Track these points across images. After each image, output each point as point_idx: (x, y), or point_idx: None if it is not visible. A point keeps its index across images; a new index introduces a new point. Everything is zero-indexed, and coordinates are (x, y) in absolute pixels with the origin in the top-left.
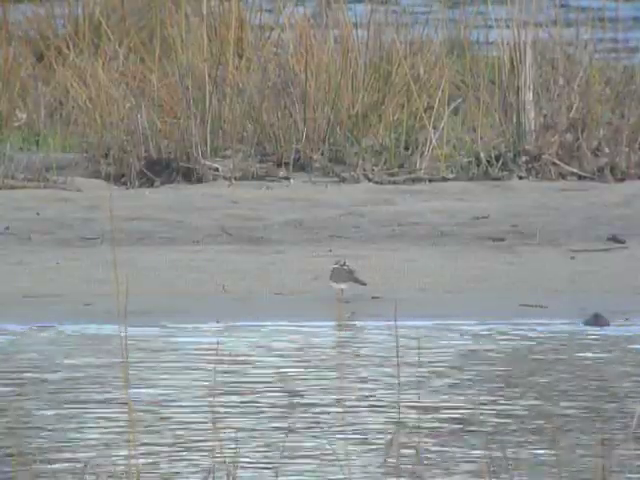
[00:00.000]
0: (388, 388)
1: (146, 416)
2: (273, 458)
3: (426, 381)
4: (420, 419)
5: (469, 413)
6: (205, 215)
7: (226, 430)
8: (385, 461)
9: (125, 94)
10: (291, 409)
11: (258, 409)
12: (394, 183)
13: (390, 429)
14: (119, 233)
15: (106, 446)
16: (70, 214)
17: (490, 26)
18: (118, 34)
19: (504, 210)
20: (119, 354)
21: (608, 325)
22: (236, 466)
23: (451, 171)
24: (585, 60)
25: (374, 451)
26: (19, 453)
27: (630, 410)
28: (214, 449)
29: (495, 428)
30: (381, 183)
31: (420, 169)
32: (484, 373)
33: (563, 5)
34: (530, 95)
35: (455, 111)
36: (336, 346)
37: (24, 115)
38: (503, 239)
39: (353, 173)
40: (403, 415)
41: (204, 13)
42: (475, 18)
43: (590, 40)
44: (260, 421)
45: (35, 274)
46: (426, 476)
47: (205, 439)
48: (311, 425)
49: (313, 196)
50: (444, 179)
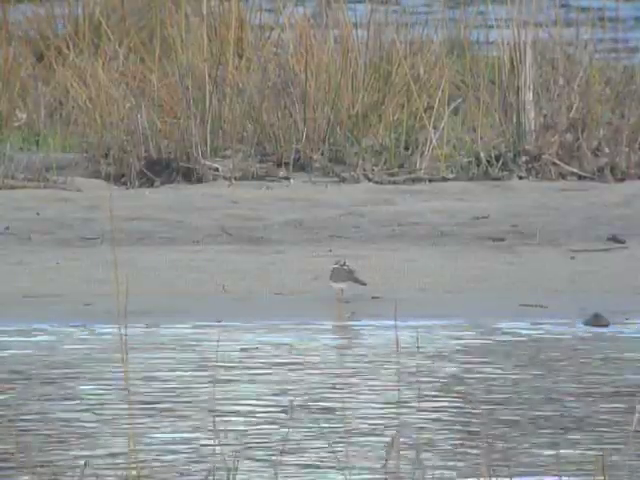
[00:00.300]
0: (388, 388)
1: (146, 416)
2: (273, 458)
3: (426, 381)
4: (420, 420)
5: (469, 413)
6: (205, 215)
7: (226, 430)
8: (386, 463)
9: (125, 94)
10: (291, 410)
11: (258, 409)
12: (394, 183)
13: (390, 430)
14: (119, 233)
15: (106, 445)
16: (70, 214)
17: (490, 26)
18: (118, 34)
19: (504, 210)
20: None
21: (608, 325)
22: (236, 466)
23: (451, 171)
24: (585, 60)
25: (374, 452)
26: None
27: (630, 410)
28: (214, 449)
29: (495, 428)
30: (381, 183)
31: (420, 169)
32: (484, 373)
33: (563, 5)
34: (530, 95)
35: (455, 111)
36: (336, 346)
37: (24, 115)
38: (503, 239)
39: (353, 173)
40: (403, 416)
41: (204, 13)
42: (475, 18)
43: (590, 40)
44: (260, 421)
45: (35, 274)
46: (426, 477)
47: (205, 439)
48: (311, 425)
49: (313, 196)
50: (444, 179)
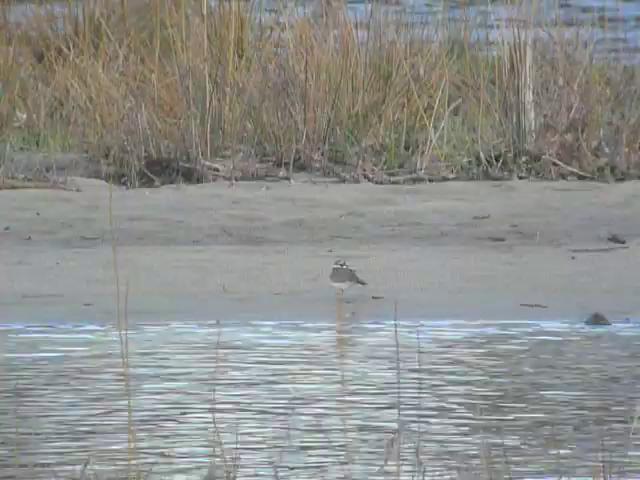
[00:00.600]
0: (388, 388)
1: (146, 416)
2: (273, 458)
3: (426, 381)
4: (420, 420)
5: (470, 413)
6: (205, 215)
7: (226, 430)
8: (385, 463)
9: (125, 94)
10: (291, 409)
11: (258, 409)
12: (394, 183)
13: (390, 430)
14: (119, 233)
15: (106, 446)
16: (70, 214)
17: (490, 26)
18: (118, 34)
19: (504, 210)
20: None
21: (608, 325)
22: (236, 466)
23: (451, 171)
24: (585, 60)
25: (374, 453)
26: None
27: (630, 410)
28: (214, 449)
29: (496, 428)
30: (381, 183)
31: (420, 169)
32: (484, 373)
33: (563, 5)
34: (530, 95)
35: (455, 111)
36: (336, 346)
37: (24, 115)
38: (503, 239)
39: (353, 173)
40: (403, 416)
41: (204, 13)
42: (475, 18)
43: (590, 40)
44: (260, 421)
45: (35, 274)
46: (426, 477)
47: (205, 439)
48: (311, 426)
49: (313, 196)
50: (444, 179)
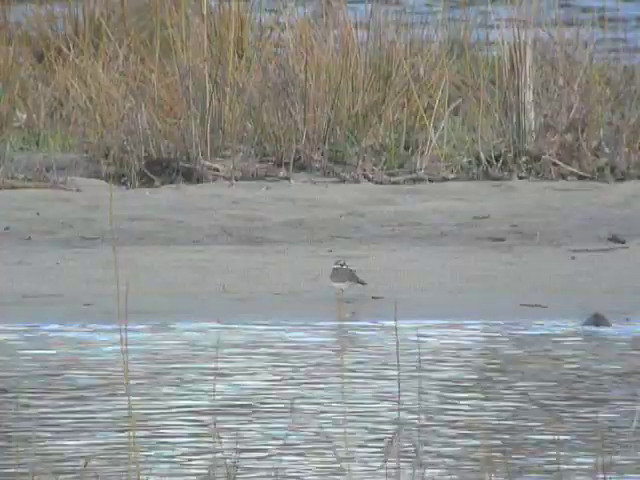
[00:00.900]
0: (388, 388)
1: (146, 415)
2: (273, 458)
3: (426, 381)
4: (420, 420)
5: (470, 413)
6: (205, 215)
7: (226, 430)
8: (385, 463)
9: (125, 94)
10: (291, 409)
11: (258, 409)
12: (394, 183)
13: (390, 430)
14: (119, 233)
15: (106, 445)
16: (70, 214)
17: (490, 26)
18: (118, 34)
19: (504, 210)
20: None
21: (608, 325)
22: (236, 466)
23: (451, 171)
24: (585, 60)
25: (374, 452)
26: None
27: (630, 410)
28: (214, 449)
29: (496, 429)
30: (381, 183)
31: (420, 169)
32: (484, 373)
33: (563, 5)
34: (530, 95)
35: (455, 111)
36: (336, 346)
37: (24, 115)
38: (503, 239)
39: (353, 173)
40: (403, 416)
41: (204, 13)
42: (475, 18)
43: (590, 40)
44: (260, 421)
45: (35, 274)
46: (426, 477)
47: (205, 439)
48: (311, 426)
49: (313, 196)
50: (444, 179)
